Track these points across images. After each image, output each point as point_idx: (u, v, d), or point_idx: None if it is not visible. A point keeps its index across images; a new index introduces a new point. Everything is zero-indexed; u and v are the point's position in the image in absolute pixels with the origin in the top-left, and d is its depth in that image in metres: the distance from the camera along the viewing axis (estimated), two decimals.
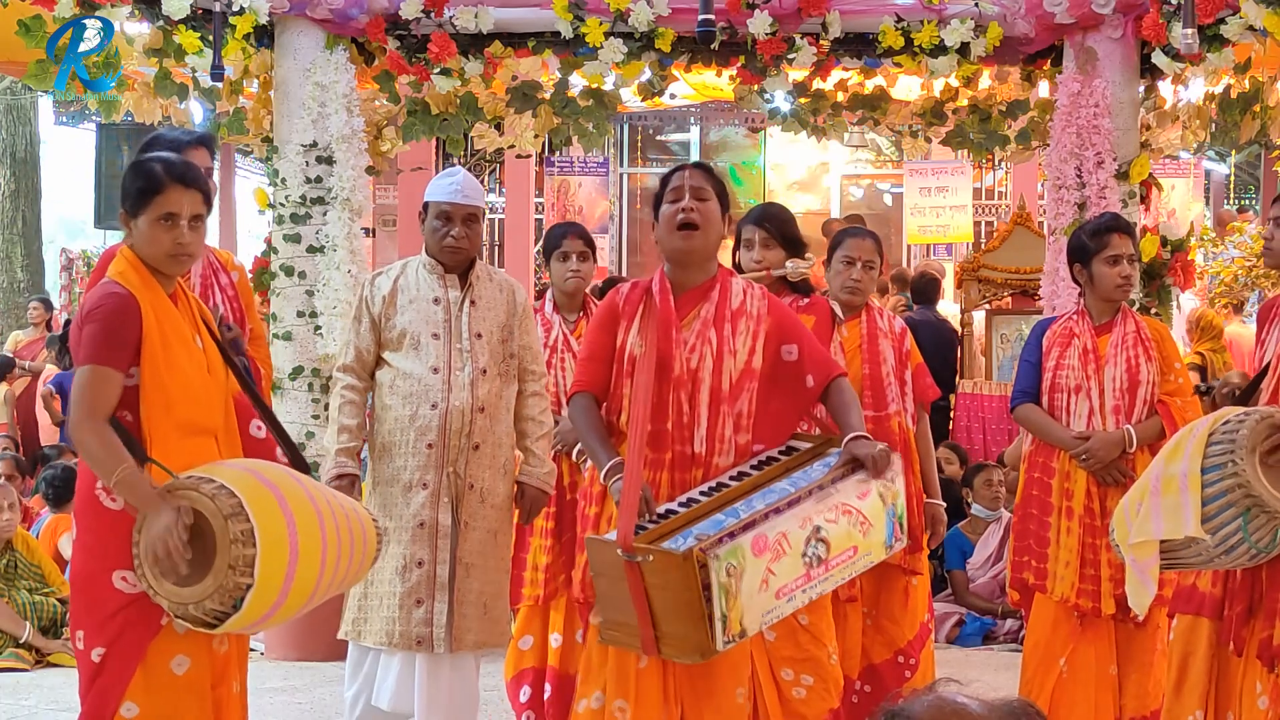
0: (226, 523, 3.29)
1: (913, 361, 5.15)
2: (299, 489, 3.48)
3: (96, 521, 3.52)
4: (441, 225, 4.66)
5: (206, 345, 3.65)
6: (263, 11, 6.59)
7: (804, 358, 3.99)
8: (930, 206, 12.57)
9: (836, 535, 3.64)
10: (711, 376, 3.87)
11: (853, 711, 4.84)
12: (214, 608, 3.33)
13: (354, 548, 3.59)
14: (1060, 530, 4.80)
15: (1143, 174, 6.75)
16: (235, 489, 3.34)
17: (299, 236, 6.72)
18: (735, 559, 3.43)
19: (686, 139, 15.61)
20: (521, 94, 7.09)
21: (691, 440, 3.85)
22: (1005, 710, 1.78)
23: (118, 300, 3.50)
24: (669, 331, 3.88)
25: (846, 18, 6.74)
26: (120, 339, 3.47)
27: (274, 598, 3.35)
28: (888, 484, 3.80)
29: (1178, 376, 4.85)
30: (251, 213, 8.54)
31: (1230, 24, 6.20)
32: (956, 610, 7.55)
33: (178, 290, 3.65)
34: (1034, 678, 4.82)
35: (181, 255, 3.58)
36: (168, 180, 3.56)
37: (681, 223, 3.91)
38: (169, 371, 3.50)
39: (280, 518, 3.35)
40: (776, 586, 3.53)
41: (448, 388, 4.59)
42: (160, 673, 3.48)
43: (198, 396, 3.56)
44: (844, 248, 5.06)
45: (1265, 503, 3.64)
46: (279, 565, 3.33)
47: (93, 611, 3.49)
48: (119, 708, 3.46)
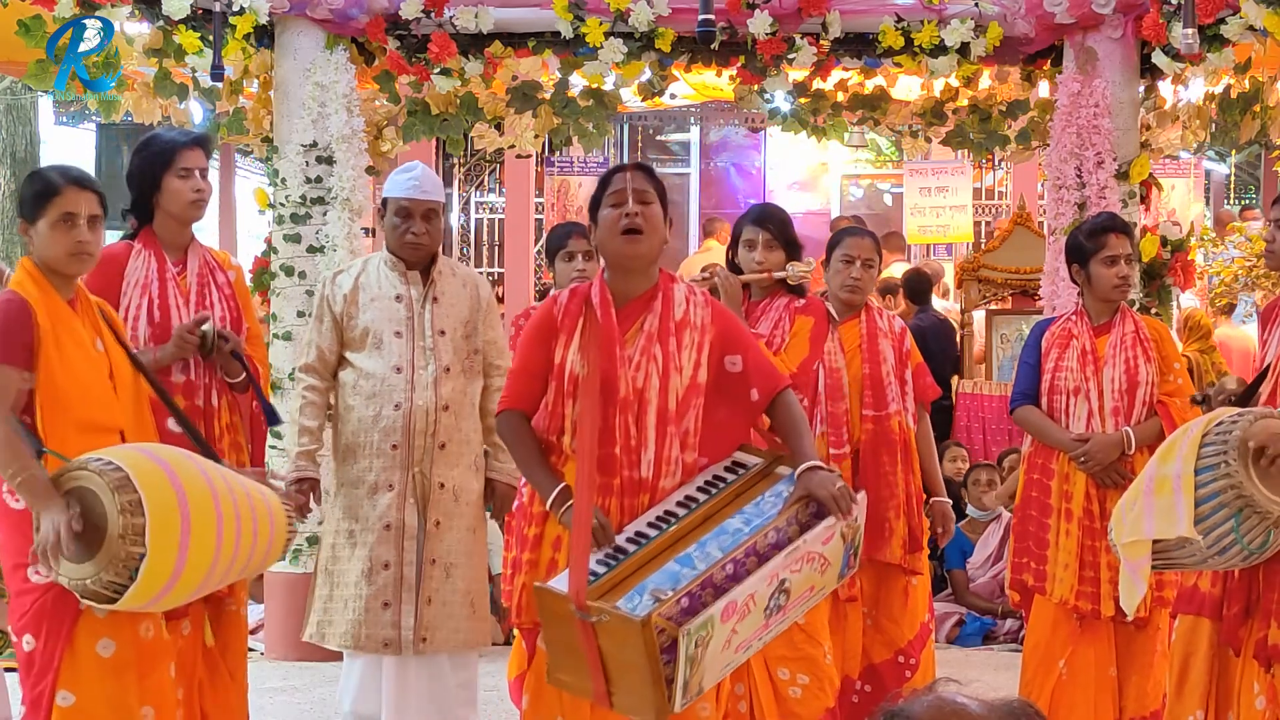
0: (114, 495, 3.43)
1: (912, 361, 5.16)
2: (191, 465, 3.61)
3: (6, 522, 3.69)
4: (401, 221, 4.63)
5: (109, 348, 3.81)
6: (263, 11, 6.59)
7: (748, 369, 3.74)
8: (930, 206, 12.55)
9: (798, 582, 3.48)
10: (658, 396, 3.64)
11: (853, 711, 4.84)
12: (110, 579, 3.45)
13: (258, 525, 3.68)
14: (1059, 532, 4.80)
15: (1143, 174, 6.75)
16: (122, 463, 3.48)
17: (299, 236, 6.72)
18: (706, 630, 3.25)
19: (686, 139, 15.60)
20: (521, 94, 7.09)
21: (639, 464, 3.63)
22: (1005, 710, 1.78)
23: (10, 305, 3.67)
24: (612, 350, 3.65)
25: (846, 18, 6.74)
26: (15, 340, 3.63)
27: (170, 567, 3.45)
28: (851, 523, 3.56)
29: (1177, 377, 4.85)
30: (251, 213, 8.53)
31: (1230, 24, 6.20)
32: (956, 610, 7.55)
33: (78, 296, 3.81)
34: (1033, 679, 4.82)
35: (82, 254, 3.76)
36: (64, 183, 3.74)
37: (626, 228, 3.67)
38: (64, 372, 3.67)
39: (169, 489, 3.47)
40: (737, 643, 3.38)
41: (411, 387, 4.57)
42: (87, 657, 3.62)
43: (97, 397, 3.72)
44: (843, 246, 5.06)
45: (1257, 504, 3.64)
46: (171, 534, 3.44)
47: (20, 606, 3.67)
48: (55, 698, 3.60)
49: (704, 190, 15.77)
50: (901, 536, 4.97)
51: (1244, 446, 3.64)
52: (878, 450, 4.96)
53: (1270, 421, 3.69)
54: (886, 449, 4.98)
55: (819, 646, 4.57)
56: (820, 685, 4.57)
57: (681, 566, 3.39)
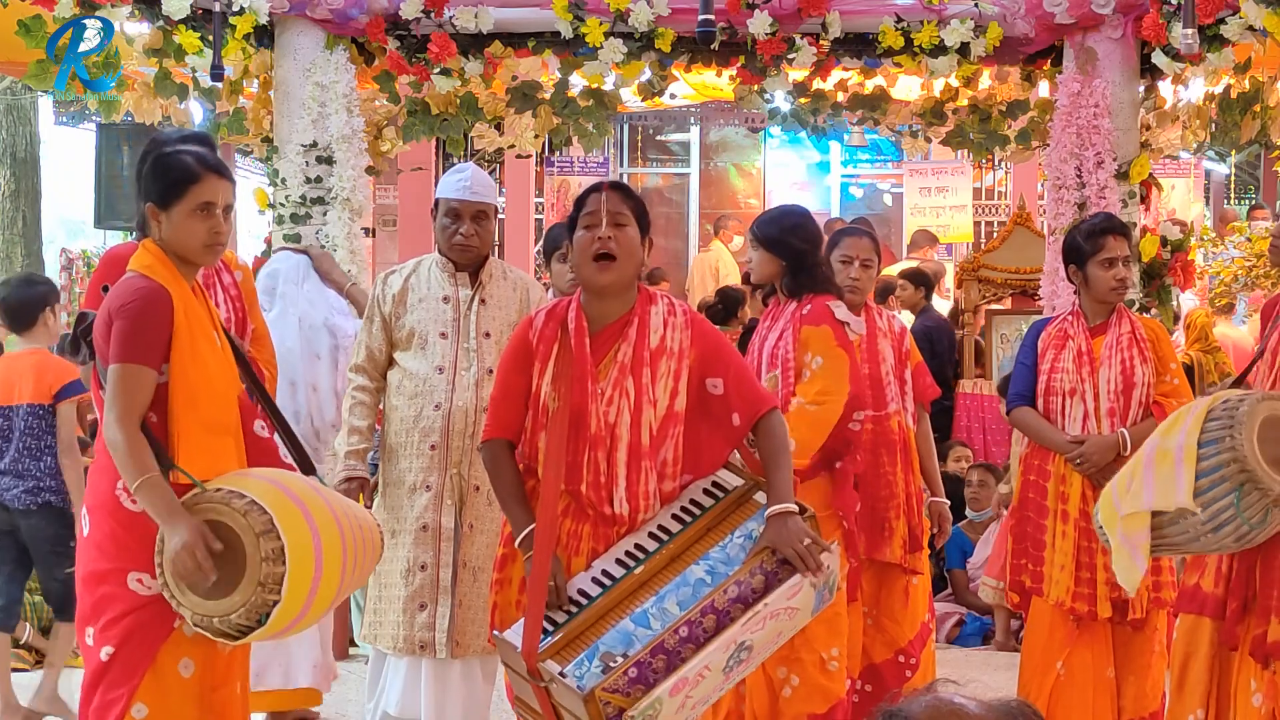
0: (258, 540, 3.29)
1: (912, 361, 5.16)
2: (321, 502, 3.47)
3: (113, 521, 3.49)
4: (451, 223, 4.60)
5: (223, 342, 3.64)
6: (263, 11, 6.59)
7: (729, 393, 3.60)
8: (930, 206, 12.57)
9: (762, 638, 3.38)
10: (630, 432, 3.52)
11: (853, 711, 4.84)
12: (240, 622, 3.33)
13: (365, 556, 3.61)
14: (1056, 534, 4.80)
15: (1143, 174, 6.76)
16: (265, 504, 3.32)
17: (299, 236, 6.72)
18: (653, 709, 3.19)
19: (686, 139, 15.61)
20: (521, 94, 7.10)
21: (610, 500, 3.52)
22: (1003, 710, 1.79)
23: (149, 294, 3.45)
24: (584, 384, 3.53)
25: (846, 18, 6.75)
26: (153, 335, 3.42)
27: (298, 611, 3.36)
28: (823, 573, 3.42)
29: (1173, 377, 4.84)
30: (251, 213, 8.52)
31: (1230, 24, 6.20)
32: (956, 610, 7.55)
33: (196, 285, 3.63)
34: (1031, 680, 4.82)
35: (216, 244, 3.58)
36: (202, 170, 3.55)
37: (597, 253, 3.53)
38: (196, 368, 3.47)
39: (307, 534, 3.34)
40: (694, 702, 3.31)
41: (452, 387, 4.54)
42: (169, 675, 3.48)
43: (221, 394, 3.54)
44: (841, 246, 5.05)
45: (1259, 479, 3.63)
46: (305, 581, 3.33)
47: (104, 610, 3.48)
48: (130, 709, 3.45)
49: (704, 190, 15.79)
50: (902, 536, 4.98)
51: (1253, 421, 3.64)
52: (877, 450, 4.96)
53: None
54: (886, 449, 4.98)
55: (814, 652, 4.56)
56: (809, 692, 4.56)
57: (637, 626, 3.31)
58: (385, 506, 4.62)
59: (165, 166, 3.57)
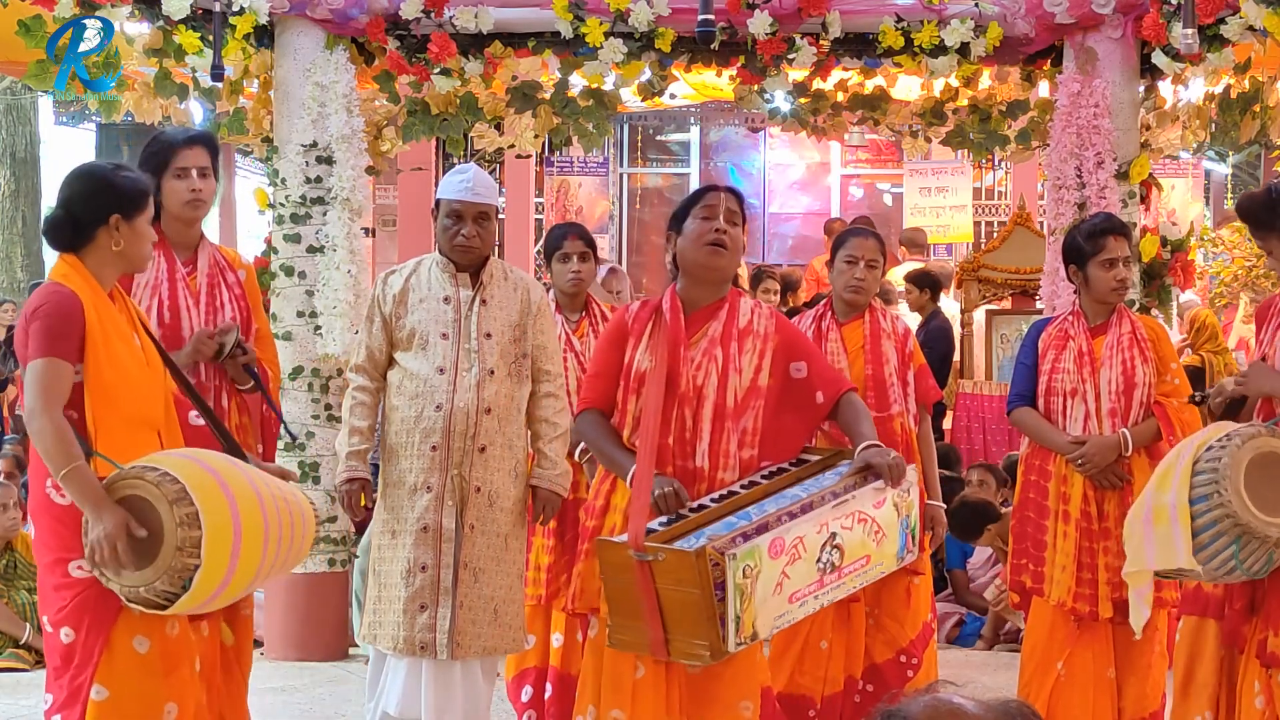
0: (172, 507, 3.48)
1: (915, 362, 5.16)
2: (238, 473, 3.67)
3: (49, 516, 3.71)
4: (452, 224, 4.59)
5: (144, 342, 3.84)
6: (263, 11, 6.59)
7: (813, 374, 4.05)
8: (930, 206, 12.57)
9: (851, 543, 3.68)
10: (716, 393, 3.93)
11: (855, 711, 4.84)
12: (164, 589, 3.52)
13: (293, 529, 3.76)
14: (1057, 534, 4.80)
15: (1143, 174, 6.75)
16: (178, 475, 3.52)
17: (299, 236, 6.72)
18: (752, 560, 3.45)
19: (686, 139, 15.61)
20: (521, 94, 7.09)
21: (693, 455, 3.91)
22: (1002, 710, 1.79)
23: (61, 296, 3.68)
24: (677, 349, 3.95)
25: (846, 18, 6.74)
26: (66, 332, 3.64)
27: (221, 576, 3.54)
28: (903, 494, 3.83)
29: (1174, 377, 4.84)
30: (251, 213, 8.53)
31: (1230, 24, 6.20)
32: (957, 610, 7.55)
33: (115, 291, 3.84)
34: (1032, 681, 4.82)
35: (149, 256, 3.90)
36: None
37: (713, 240, 3.98)
38: (111, 366, 3.69)
39: (223, 500, 3.53)
40: (790, 591, 3.55)
41: (453, 388, 4.53)
42: (124, 653, 3.67)
43: (140, 390, 3.75)
44: (847, 247, 5.06)
45: (1255, 530, 3.68)
46: (224, 545, 3.51)
47: (56, 599, 3.69)
48: (90, 691, 3.64)
49: None
50: None
51: (1237, 472, 3.67)
52: None
53: (1262, 440, 3.72)
54: None
55: (769, 681, 4.45)
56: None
57: (739, 520, 3.64)
58: (386, 507, 4.62)
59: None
